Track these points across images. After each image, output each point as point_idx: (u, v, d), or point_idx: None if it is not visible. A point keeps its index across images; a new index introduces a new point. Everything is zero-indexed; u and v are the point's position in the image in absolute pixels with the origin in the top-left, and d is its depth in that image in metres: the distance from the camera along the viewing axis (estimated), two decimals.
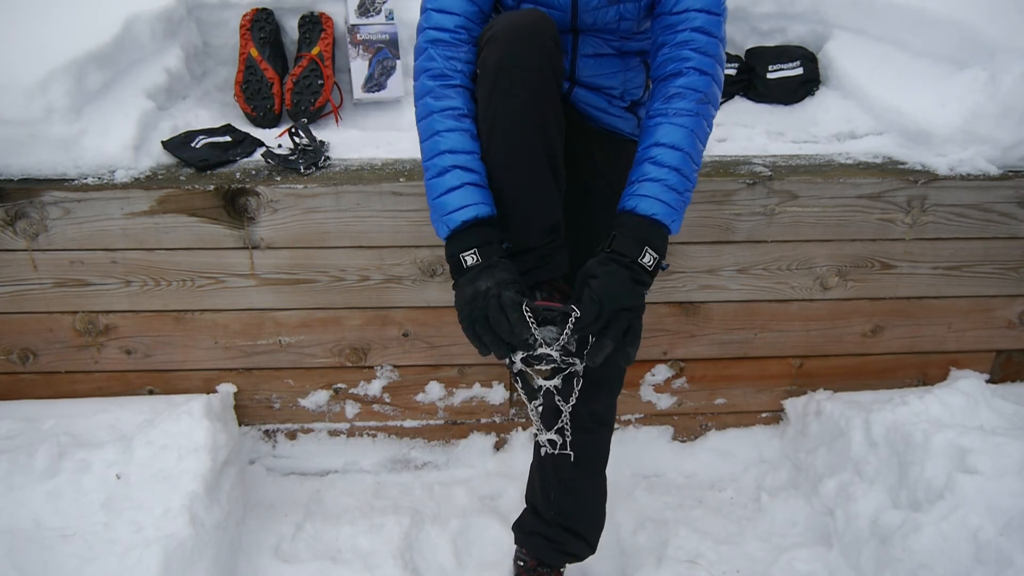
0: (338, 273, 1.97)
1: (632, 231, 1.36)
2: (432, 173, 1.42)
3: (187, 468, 1.79)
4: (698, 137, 1.41)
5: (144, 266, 1.93)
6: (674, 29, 1.43)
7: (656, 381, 2.21)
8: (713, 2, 1.44)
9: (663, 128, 1.39)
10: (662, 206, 1.37)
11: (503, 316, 1.32)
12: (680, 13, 1.43)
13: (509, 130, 1.40)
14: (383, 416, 2.21)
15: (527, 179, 1.43)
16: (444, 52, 1.45)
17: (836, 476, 1.97)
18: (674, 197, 1.38)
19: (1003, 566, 1.56)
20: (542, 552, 1.80)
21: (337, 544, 1.95)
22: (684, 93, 1.40)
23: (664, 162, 1.38)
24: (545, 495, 1.77)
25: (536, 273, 1.45)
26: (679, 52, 1.42)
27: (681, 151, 1.38)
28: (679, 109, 1.39)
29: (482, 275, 1.35)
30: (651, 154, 1.39)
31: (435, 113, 1.43)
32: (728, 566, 1.91)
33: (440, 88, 1.44)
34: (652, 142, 1.40)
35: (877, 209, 1.97)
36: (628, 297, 1.34)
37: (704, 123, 1.42)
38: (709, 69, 1.42)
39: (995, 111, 1.94)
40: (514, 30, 1.39)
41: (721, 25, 1.45)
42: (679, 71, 1.41)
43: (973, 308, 2.15)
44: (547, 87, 1.41)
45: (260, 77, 2.19)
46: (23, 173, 1.85)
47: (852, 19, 2.34)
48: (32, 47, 1.88)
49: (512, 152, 1.41)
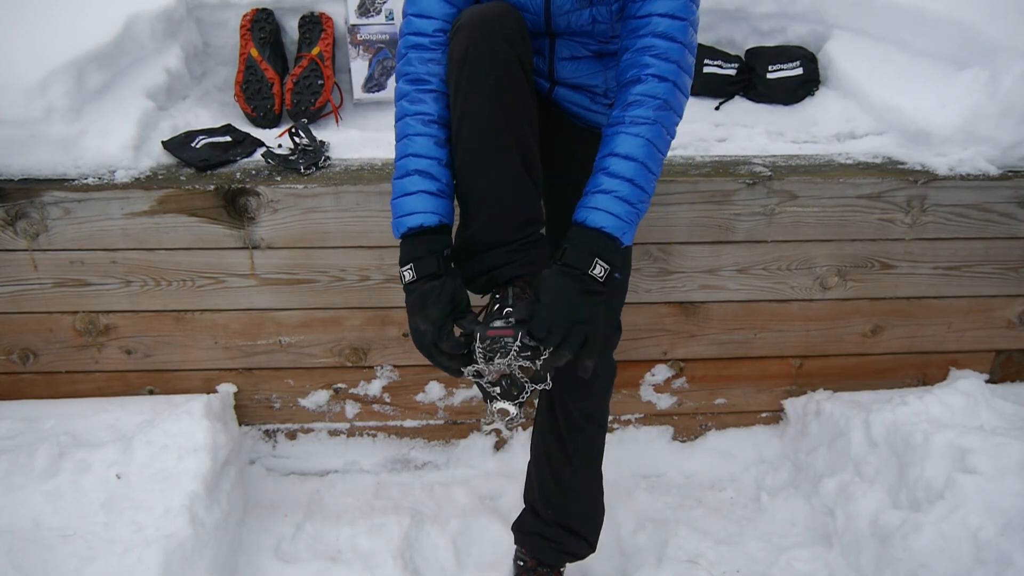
0: (338, 273, 1.97)
1: (582, 243, 1.35)
2: (397, 174, 1.44)
3: (187, 468, 1.79)
4: (655, 146, 1.38)
5: (144, 266, 1.93)
6: (637, 33, 1.41)
7: (656, 381, 2.21)
8: (679, 6, 1.40)
9: (619, 138, 1.38)
10: (612, 219, 1.35)
11: (442, 360, 1.37)
12: (644, 17, 1.41)
13: (475, 119, 1.39)
14: (383, 416, 2.21)
15: (495, 170, 1.41)
16: (422, 56, 1.46)
17: (836, 476, 1.97)
18: (626, 209, 1.36)
19: (1003, 566, 1.56)
20: (542, 552, 1.80)
21: (337, 544, 1.95)
22: (642, 100, 1.38)
23: (617, 173, 1.36)
24: (543, 495, 1.78)
25: (508, 269, 1.42)
26: (640, 58, 1.39)
27: (636, 161, 1.36)
28: (636, 117, 1.37)
29: (418, 310, 1.37)
30: (605, 164, 1.38)
31: (408, 116, 1.45)
32: (728, 566, 1.92)
33: (415, 92, 1.45)
34: (608, 152, 1.39)
35: (877, 209, 1.97)
36: (579, 309, 1.33)
37: (663, 131, 1.39)
38: (670, 75, 1.39)
39: (995, 111, 1.94)
40: (478, 21, 1.39)
41: (687, 30, 1.41)
42: (638, 77, 1.39)
43: (973, 308, 2.15)
44: (512, 75, 1.40)
45: (260, 77, 2.19)
46: (23, 173, 1.85)
47: (852, 19, 2.34)
48: (32, 47, 1.88)
49: (479, 141, 1.40)
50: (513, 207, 1.42)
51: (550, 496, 1.76)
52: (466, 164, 1.42)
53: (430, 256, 1.38)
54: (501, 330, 1.35)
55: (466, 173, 1.43)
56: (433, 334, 1.35)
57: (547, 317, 1.32)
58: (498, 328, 1.35)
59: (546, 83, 1.66)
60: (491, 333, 1.35)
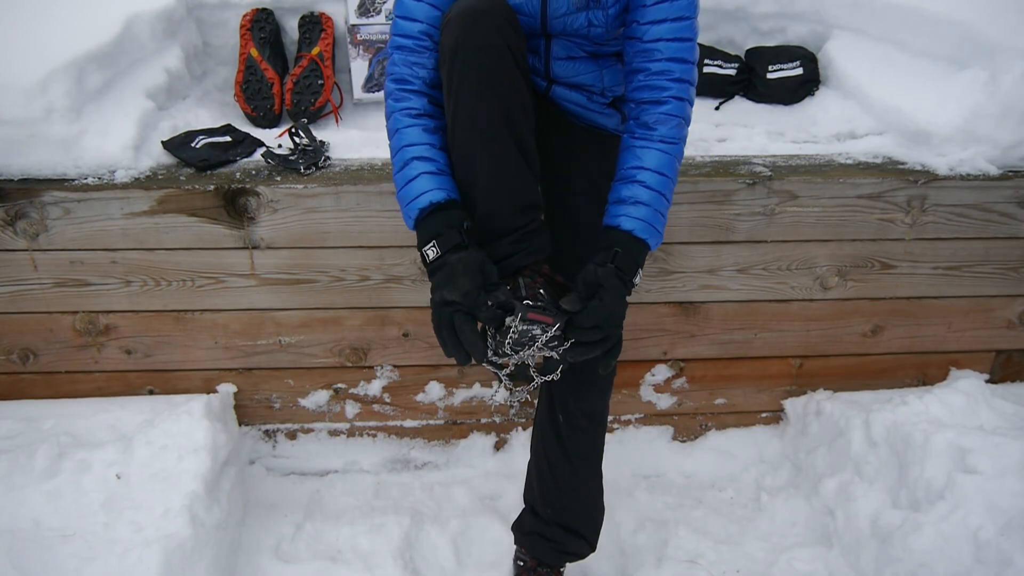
0: (338, 273, 1.97)
1: (631, 252, 1.44)
2: (396, 168, 1.47)
3: (187, 468, 1.79)
4: (678, 160, 1.51)
5: (144, 266, 1.93)
6: (650, 58, 1.48)
7: (656, 381, 2.21)
8: (683, 28, 1.47)
9: (650, 153, 1.47)
10: (653, 232, 1.47)
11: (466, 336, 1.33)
12: (652, 42, 1.48)
13: (468, 106, 1.40)
14: (383, 416, 2.21)
15: (490, 158, 1.42)
16: (407, 58, 1.50)
17: (836, 476, 1.97)
18: (661, 222, 1.48)
19: (1003, 566, 1.57)
20: (542, 552, 1.80)
21: (337, 544, 1.95)
22: (666, 120, 1.48)
23: (653, 186, 1.46)
24: (543, 494, 1.78)
25: (515, 259, 1.44)
26: (657, 81, 1.48)
27: (666, 176, 1.48)
28: (664, 136, 1.48)
29: (446, 283, 1.34)
30: (641, 177, 1.47)
31: (396, 112, 1.50)
32: (728, 566, 1.92)
33: (399, 91, 1.50)
34: (640, 164, 1.47)
35: (877, 209, 1.97)
36: (623, 312, 1.43)
37: (682, 147, 1.52)
38: (685, 94, 1.50)
39: (995, 111, 1.94)
40: (467, 12, 1.41)
41: (693, 49, 1.50)
42: (659, 99, 1.48)
43: (973, 308, 2.15)
44: (503, 63, 1.41)
45: (260, 77, 2.19)
46: (23, 173, 1.85)
47: (852, 19, 2.34)
48: (32, 47, 1.88)
49: (472, 129, 1.41)
50: (511, 193, 1.44)
51: (550, 495, 1.77)
52: (462, 153, 1.43)
53: (450, 230, 1.38)
54: (542, 314, 1.35)
55: (463, 163, 1.44)
56: (468, 305, 1.32)
57: (600, 314, 1.38)
58: (539, 311, 1.35)
59: (543, 82, 1.67)
60: (532, 316, 1.34)
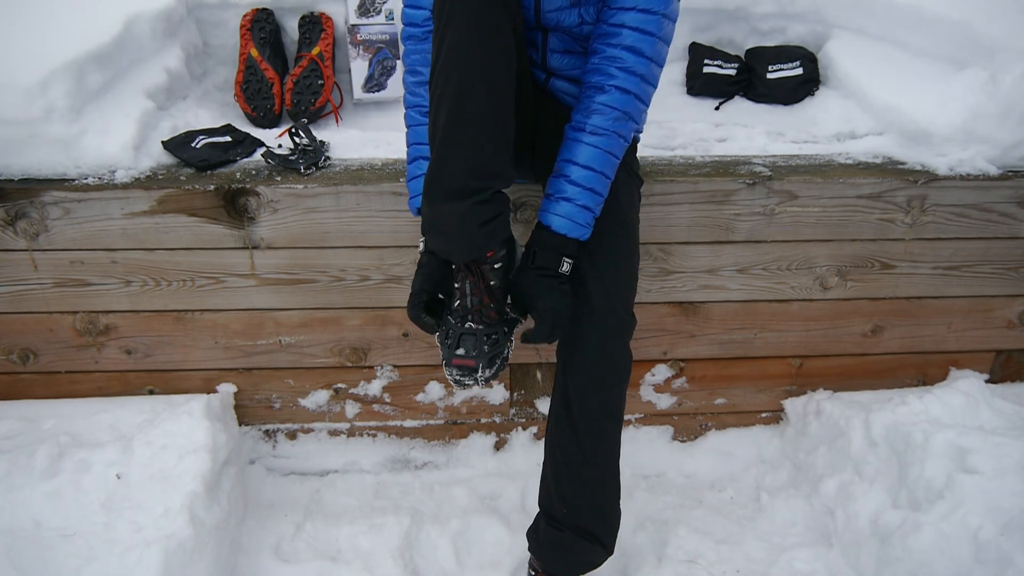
0: (338, 273, 1.97)
1: (551, 247, 1.48)
2: (408, 159, 1.61)
3: (187, 468, 1.79)
4: (612, 154, 1.48)
5: (144, 266, 1.93)
6: (607, 41, 1.45)
7: (656, 381, 2.21)
8: (650, 21, 1.43)
9: (580, 147, 1.46)
10: (575, 226, 1.47)
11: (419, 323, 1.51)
12: (615, 26, 1.44)
13: (453, 52, 1.33)
14: (383, 416, 2.21)
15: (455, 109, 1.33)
16: (416, 47, 1.52)
17: (836, 476, 1.97)
18: (586, 216, 1.48)
19: (1003, 566, 1.56)
20: (556, 566, 1.72)
21: (337, 544, 1.95)
22: (603, 111, 1.45)
23: (578, 181, 1.46)
24: (558, 493, 1.66)
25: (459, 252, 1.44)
26: (606, 67, 1.45)
27: (594, 171, 1.46)
28: (596, 127, 1.45)
29: (415, 276, 1.52)
30: (567, 172, 1.47)
31: (409, 109, 1.58)
32: (728, 566, 1.91)
33: (413, 85, 1.56)
34: (568, 158, 1.47)
35: (877, 209, 1.97)
36: (563, 303, 1.48)
37: (620, 139, 1.48)
38: (633, 88, 1.45)
39: (995, 111, 1.94)
40: None
41: (655, 45, 1.45)
42: (602, 86, 1.45)
43: (973, 308, 2.15)
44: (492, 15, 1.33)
45: (260, 77, 2.19)
46: (23, 173, 1.85)
47: (852, 19, 2.34)
48: (32, 47, 1.88)
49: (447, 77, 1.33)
50: (464, 150, 1.34)
51: (565, 493, 1.65)
52: (432, 106, 1.37)
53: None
54: (464, 359, 1.46)
55: (432, 114, 1.38)
56: (411, 301, 1.49)
57: (549, 321, 1.46)
58: (461, 357, 1.47)
59: (541, 74, 1.67)
60: (455, 362, 1.47)
